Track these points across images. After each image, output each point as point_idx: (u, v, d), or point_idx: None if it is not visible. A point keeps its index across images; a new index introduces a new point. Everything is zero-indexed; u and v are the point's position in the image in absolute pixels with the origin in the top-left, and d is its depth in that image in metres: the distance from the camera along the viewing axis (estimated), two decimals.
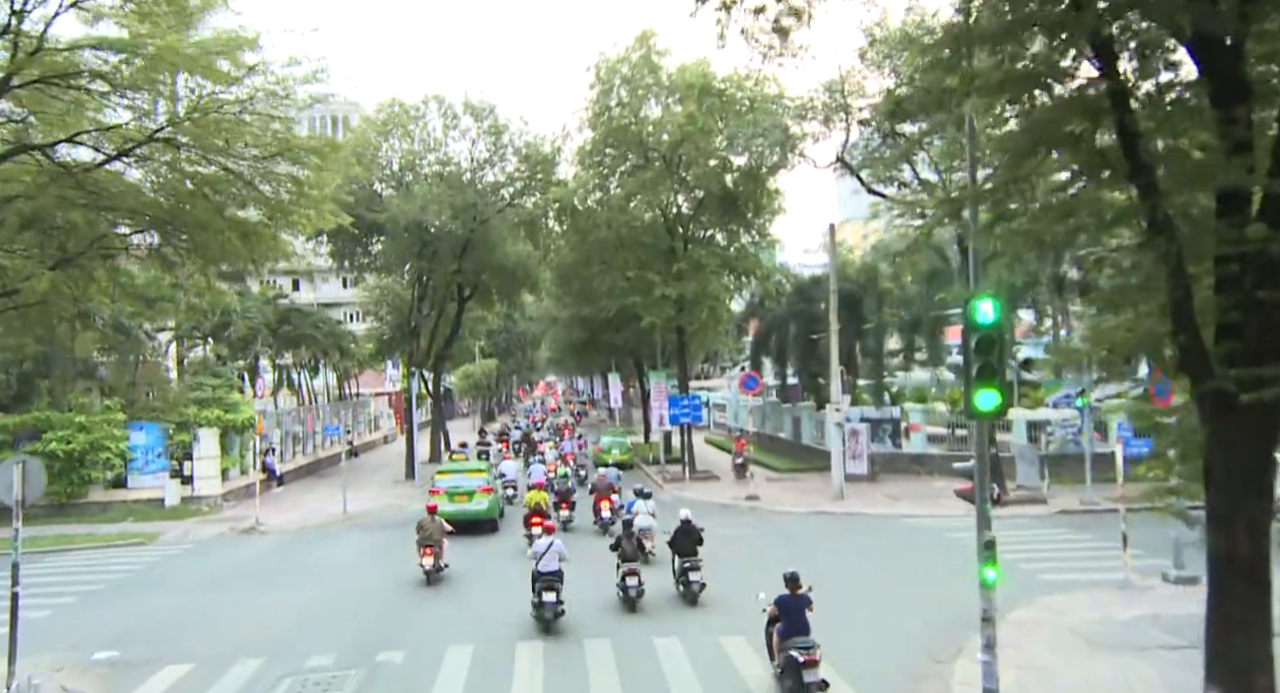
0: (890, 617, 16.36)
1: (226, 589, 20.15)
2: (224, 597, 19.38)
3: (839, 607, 15.86)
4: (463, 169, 41.13)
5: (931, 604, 17.01)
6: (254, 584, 20.54)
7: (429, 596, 18.94)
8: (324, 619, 17.21)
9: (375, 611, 17.71)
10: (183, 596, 19.63)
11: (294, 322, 42.23)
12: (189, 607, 18.58)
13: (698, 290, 35.90)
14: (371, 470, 45.74)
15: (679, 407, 36.79)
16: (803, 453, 41.90)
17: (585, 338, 52.67)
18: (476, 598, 18.61)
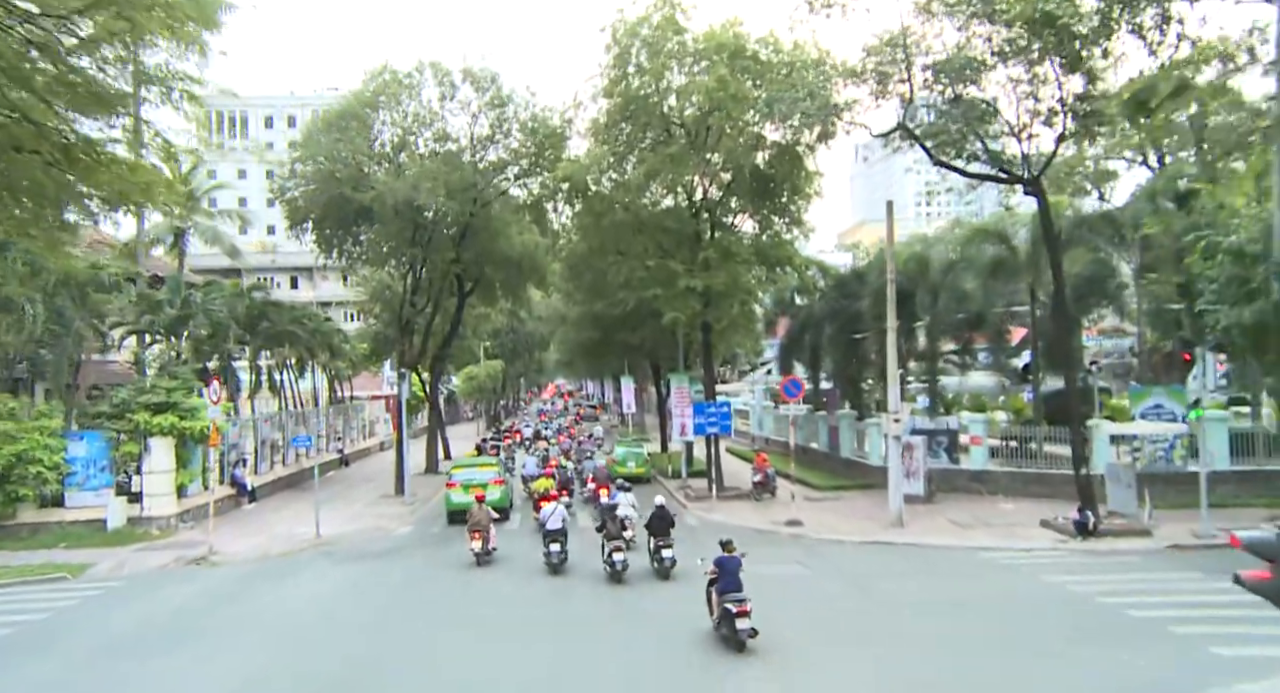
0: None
1: (142, 651, 15.58)
2: (132, 667, 14.82)
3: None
4: (462, 147, 36.72)
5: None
6: (183, 643, 16.00)
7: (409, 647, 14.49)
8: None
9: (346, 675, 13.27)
10: (75, 663, 14.94)
11: (272, 317, 37.82)
12: (72, 686, 14.05)
13: (727, 282, 31.37)
14: (360, 482, 41.37)
15: (705, 415, 32.26)
16: (841, 468, 37.33)
17: (597, 338, 48.18)
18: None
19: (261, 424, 36.28)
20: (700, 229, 33.18)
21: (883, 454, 34.22)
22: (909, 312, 34.60)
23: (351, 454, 50.82)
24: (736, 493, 33.22)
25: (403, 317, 36.97)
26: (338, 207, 36.19)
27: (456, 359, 64.03)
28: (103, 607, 18.89)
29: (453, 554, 23.83)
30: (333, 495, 36.40)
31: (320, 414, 46.97)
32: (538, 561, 21.52)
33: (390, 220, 33.86)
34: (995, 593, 18.24)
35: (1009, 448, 31.91)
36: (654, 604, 18.05)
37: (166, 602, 19.20)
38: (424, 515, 31.78)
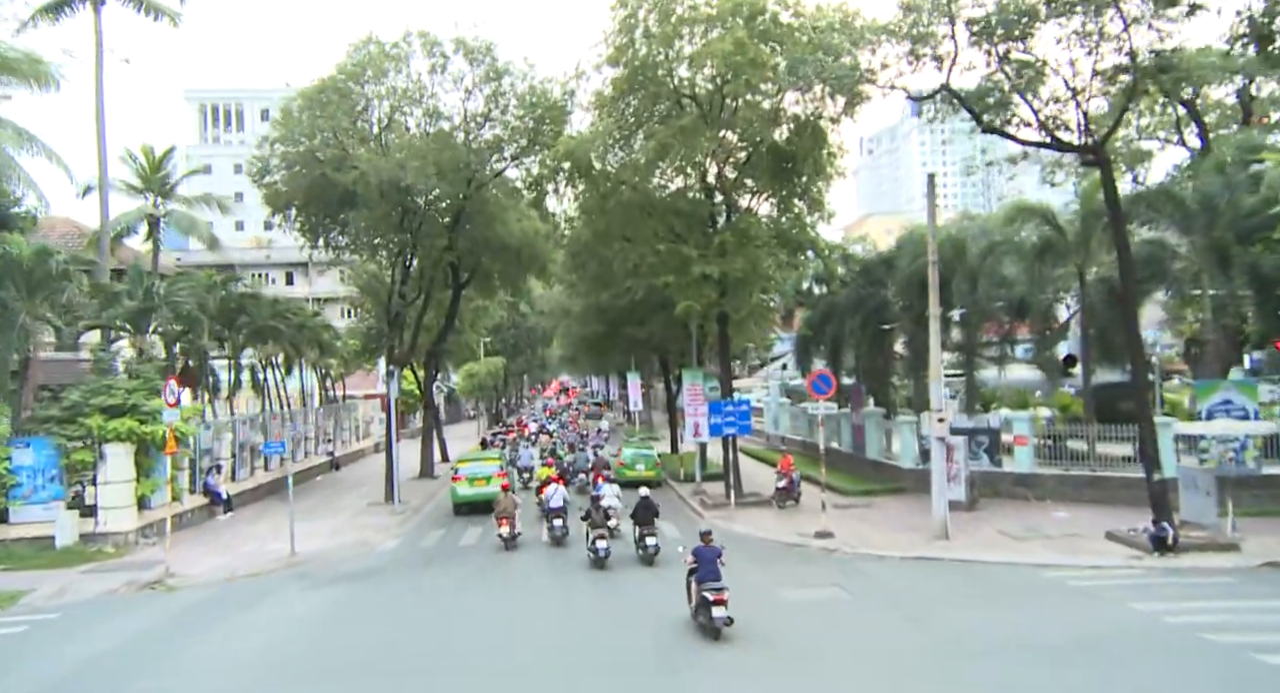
0: None
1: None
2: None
3: None
4: (454, 126, 33.83)
5: None
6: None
7: None
8: None
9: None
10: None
11: (250, 311, 34.97)
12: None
13: (745, 268, 28.50)
14: (349, 488, 38.59)
15: (721, 414, 29.37)
16: (868, 470, 34.44)
17: (603, 331, 45.34)
18: None
19: (240, 427, 33.48)
20: (715, 211, 30.32)
21: (915, 456, 31.43)
22: (944, 299, 31.70)
23: (344, 457, 48.03)
24: (757, 500, 30.35)
25: (391, 309, 34.08)
26: (321, 191, 33.37)
27: (455, 356, 61.15)
28: (16, 651, 15.99)
29: (438, 574, 21.10)
30: (317, 504, 33.64)
31: (308, 415, 44.16)
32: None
33: (376, 203, 31.00)
34: (1079, 626, 15.29)
35: (1056, 449, 28.96)
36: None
37: (103, 639, 16.36)
38: (414, 527, 28.97)
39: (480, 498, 29.36)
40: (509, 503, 24.18)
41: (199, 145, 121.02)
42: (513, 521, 23.84)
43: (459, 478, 30.42)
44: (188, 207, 38.78)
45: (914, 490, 30.78)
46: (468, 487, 29.89)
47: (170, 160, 37.17)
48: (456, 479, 30.47)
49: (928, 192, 23.47)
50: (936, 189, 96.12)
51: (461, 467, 31.26)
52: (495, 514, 24.05)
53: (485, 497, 28.98)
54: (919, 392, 33.83)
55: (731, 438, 30.09)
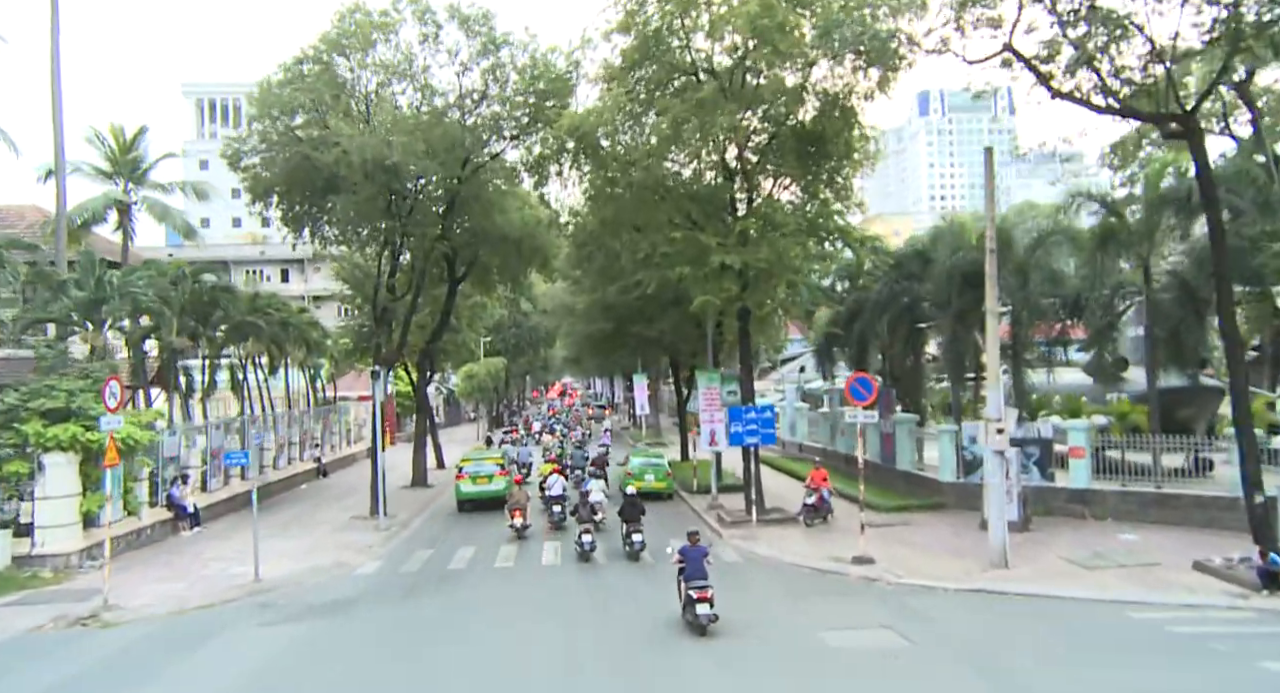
0: None
1: None
2: None
3: None
4: (449, 103, 30.87)
5: None
6: None
7: None
8: None
9: None
10: None
11: (225, 305, 32.02)
12: None
13: (770, 259, 25.51)
14: (334, 498, 35.63)
15: (743, 422, 26.42)
16: (899, 483, 31.40)
17: (609, 330, 42.32)
18: None
19: (213, 431, 30.50)
20: (734, 196, 27.34)
21: (955, 468, 28.44)
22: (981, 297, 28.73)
23: (333, 463, 45.10)
24: (782, 516, 27.35)
25: (378, 304, 31.07)
26: (304, 175, 30.48)
27: (454, 356, 58.17)
28: None
29: (417, 609, 18.19)
30: (295, 518, 30.73)
31: (293, 418, 41.22)
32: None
33: (360, 186, 28.04)
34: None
35: (1108, 461, 25.93)
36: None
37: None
38: (400, 545, 26.01)
39: (484, 495, 30.93)
40: (521, 496, 26.23)
41: (196, 140, 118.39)
42: (525, 512, 25.79)
43: (463, 476, 31.78)
44: (163, 193, 35.87)
45: (954, 507, 27.83)
46: (471, 484, 31.37)
47: (142, 142, 34.27)
48: (460, 477, 31.83)
49: (985, 167, 20.42)
50: (942, 192, 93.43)
51: (466, 465, 32.61)
52: (508, 507, 26.04)
53: (488, 494, 30.75)
54: (958, 397, 30.85)
55: (753, 449, 27.10)
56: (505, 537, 25.42)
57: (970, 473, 27.67)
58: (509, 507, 25.92)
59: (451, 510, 32.43)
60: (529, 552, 24.04)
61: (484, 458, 33.76)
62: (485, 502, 30.55)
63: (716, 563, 17.89)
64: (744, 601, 18.00)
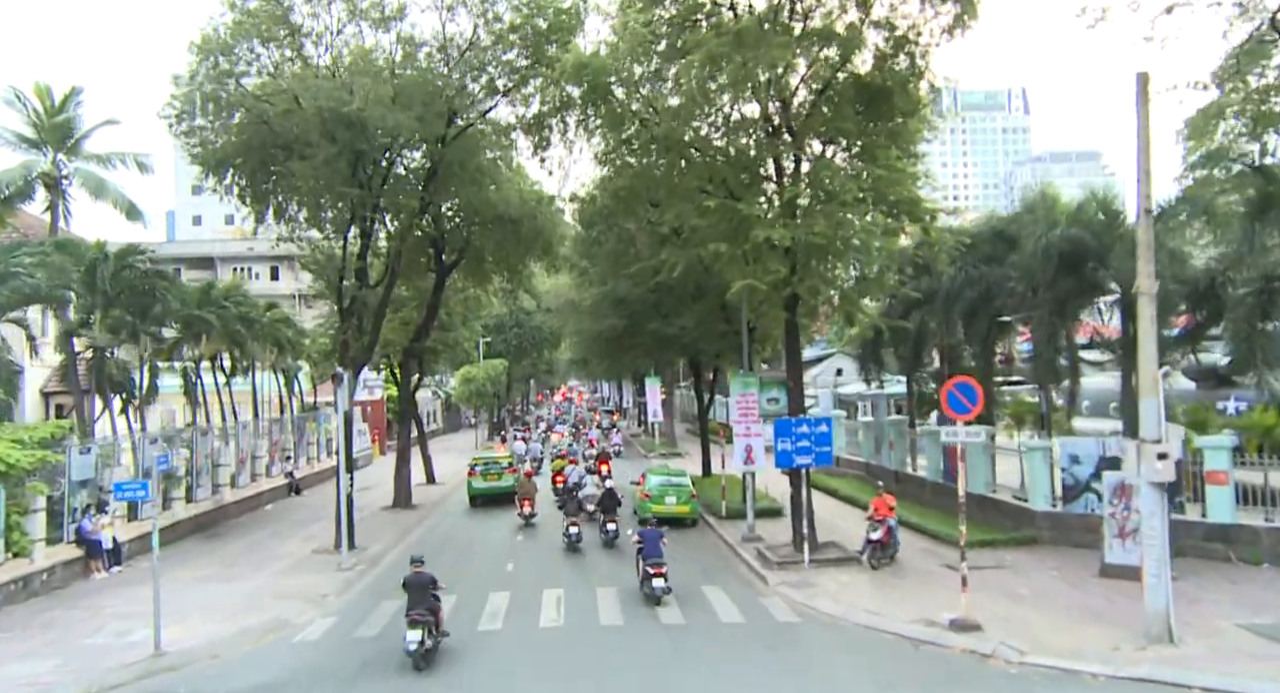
0: None
1: None
2: None
3: None
4: (432, 53, 25.63)
5: None
6: None
7: None
8: None
9: None
10: None
11: (162, 296, 26.83)
12: None
13: (827, 234, 20.25)
14: (300, 523, 30.46)
15: (792, 438, 21.14)
16: (973, 509, 25.76)
17: (622, 327, 37.09)
18: None
19: (146, 447, 25.30)
20: (780, 157, 22.09)
21: (1050, 494, 23.14)
22: (1087, 282, 23.47)
23: (309, 478, 39.92)
24: (840, 555, 22.01)
25: (342, 292, 25.74)
26: (260, 140, 25.36)
27: (451, 357, 52.89)
28: None
29: None
30: (246, 549, 25.60)
31: (260, 428, 36.09)
32: None
33: (317, 144, 22.83)
34: None
35: (1259, 488, 20.59)
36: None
37: None
38: (363, 593, 20.83)
39: (494, 490, 32.66)
40: (531, 487, 28.92)
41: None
42: (533, 502, 28.29)
43: (474, 473, 33.64)
44: (103, 167, 30.70)
45: (1051, 543, 22.55)
46: (482, 481, 33.24)
47: (76, 104, 29.12)
48: (471, 474, 33.70)
49: (1137, 101, 15.07)
50: (955, 192, 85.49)
51: (477, 463, 34.47)
52: (518, 497, 28.74)
53: (498, 489, 32.54)
54: (1048, 405, 25.55)
55: (805, 472, 21.81)
56: (502, 572, 22.70)
57: (1071, 501, 22.39)
58: (519, 497, 28.71)
59: (437, 538, 27.46)
60: (523, 604, 18.85)
61: (494, 456, 36.01)
62: (496, 497, 32.21)
63: (764, 625, 16.63)
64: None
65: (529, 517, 28.09)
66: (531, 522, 28.03)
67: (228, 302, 30.75)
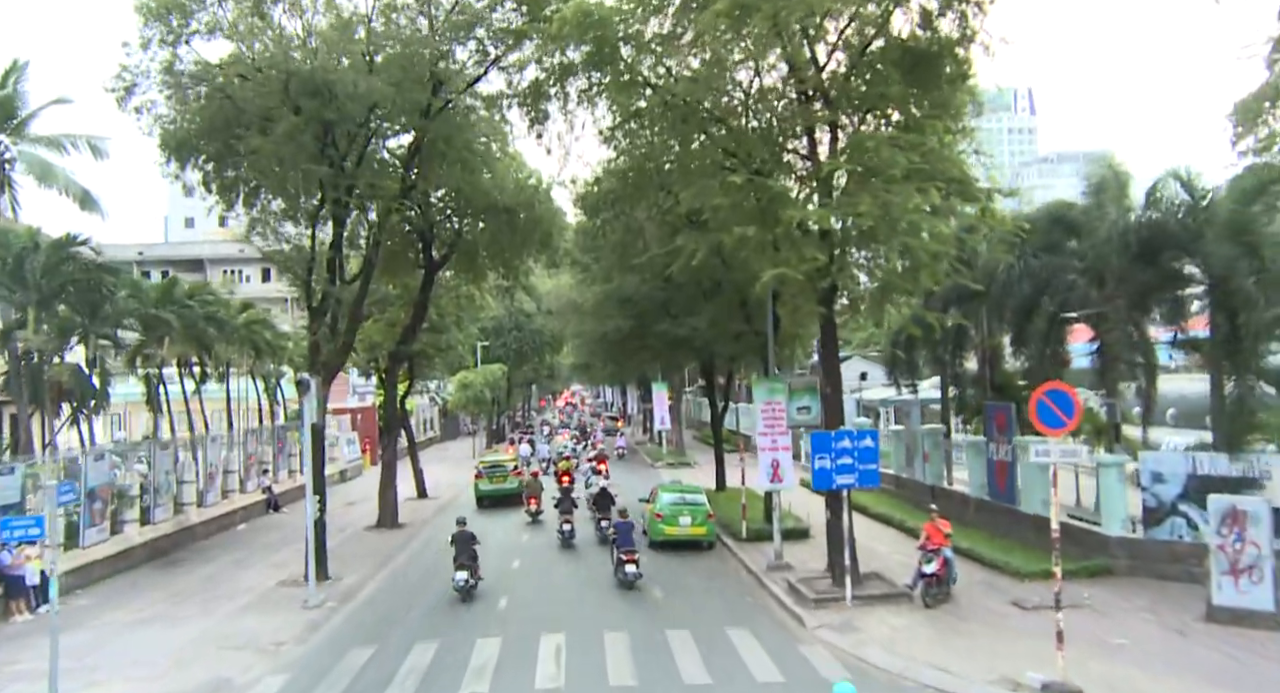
0: None
1: None
2: None
3: None
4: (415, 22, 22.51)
5: None
6: None
7: None
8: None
9: None
10: None
11: (109, 292, 23.72)
12: None
13: (874, 215, 17.13)
14: (271, 546, 27.33)
15: (831, 454, 18.05)
16: (1028, 531, 22.75)
17: (627, 329, 34.01)
18: None
19: (89, 465, 22.18)
20: (814, 125, 19.02)
21: (1127, 518, 20.03)
22: (1167, 272, 20.34)
23: (290, 493, 36.58)
24: (886, 590, 18.86)
25: (311, 287, 22.53)
26: (225, 119, 22.26)
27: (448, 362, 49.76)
28: None
29: None
30: (204, 581, 22.52)
31: (233, 439, 33.02)
32: None
33: (279, 114, 19.78)
34: None
35: None
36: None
37: None
38: (329, 638, 17.72)
39: (500, 492, 33.57)
40: (537, 486, 30.56)
41: None
42: (539, 500, 29.76)
43: (480, 476, 34.57)
44: (56, 151, 27.63)
45: (1129, 573, 19.45)
46: (489, 483, 34.07)
47: (19, 79, 26.11)
48: (479, 477, 34.61)
49: None
50: None
51: (483, 466, 35.57)
52: (525, 495, 30.43)
53: (503, 491, 33.58)
54: (1116, 413, 22.44)
55: (845, 493, 18.70)
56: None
57: (1154, 525, 19.28)
58: (526, 495, 30.43)
59: (427, 561, 24.53)
60: (517, 653, 15.76)
61: (500, 459, 37.11)
62: (502, 499, 33.14)
63: (807, 684, 13.88)
64: None
65: (535, 514, 29.76)
66: (538, 519, 29.58)
67: (192, 301, 27.64)
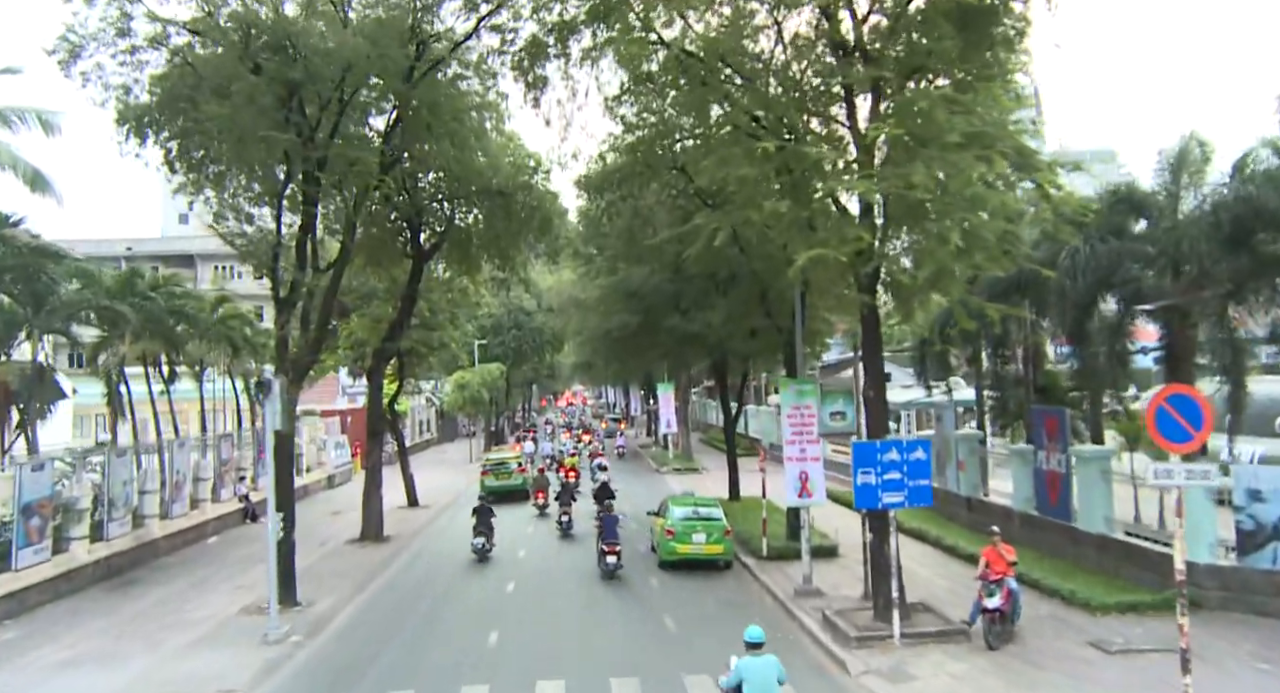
0: None
1: None
2: None
3: None
4: None
5: None
6: None
7: None
8: None
9: None
10: None
11: (49, 280, 21.00)
12: None
13: (928, 186, 14.46)
14: (240, 565, 24.64)
15: (875, 467, 15.42)
16: (1089, 552, 20.17)
17: (634, 325, 31.44)
18: None
19: (22, 474, 19.50)
20: (853, 83, 16.37)
21: (1215, 544, 17.34)
22: (1263, 256, 17.68)
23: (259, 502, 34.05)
24: (939, 626, 16.18)
25: (278, 276, 19.71)
26: (187, 90, 19.65)
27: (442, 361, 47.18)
28: None
29: None
30: (154, 606, 19.92)
31: (206, 443, 30.43)
32: None
33: (233, 73, 17.18)
34: None
35: None
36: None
37: None
38: (292, 678, 15.12)
39: (505, 488, 34.34)
40: (544, 481, 33.38)
41: None
42: (546, 494, 31.90)
43: (486, 473, 35.91)
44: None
45: (1221, 607, 16.75)
46: (494, 480, 35.12)
47: None
48: (485, 473, 35.95)
49: None
50: None
51: (489, 463, 37.27)
52: (532, 489, 32.98)
53: (508, 488, 34.68)
54: None
55: (889, 514, 16.04)
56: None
57: (1251, 552, 16.61)
58: (533, 489, 32.76)
59: (413, 580, 22.16)
60: None
61: (506, 457, 38.43)
62: (506, 494, 33.67)
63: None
64: None
65: (543, 507, 31.61)
66: (545, 513, 31.17)
67: (156, 293, 25.02)
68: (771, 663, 10.08)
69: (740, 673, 9.99)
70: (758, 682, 9.86)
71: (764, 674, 9.94)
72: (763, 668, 10.00)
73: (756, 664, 10.02)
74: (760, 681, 9.88)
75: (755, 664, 10.02)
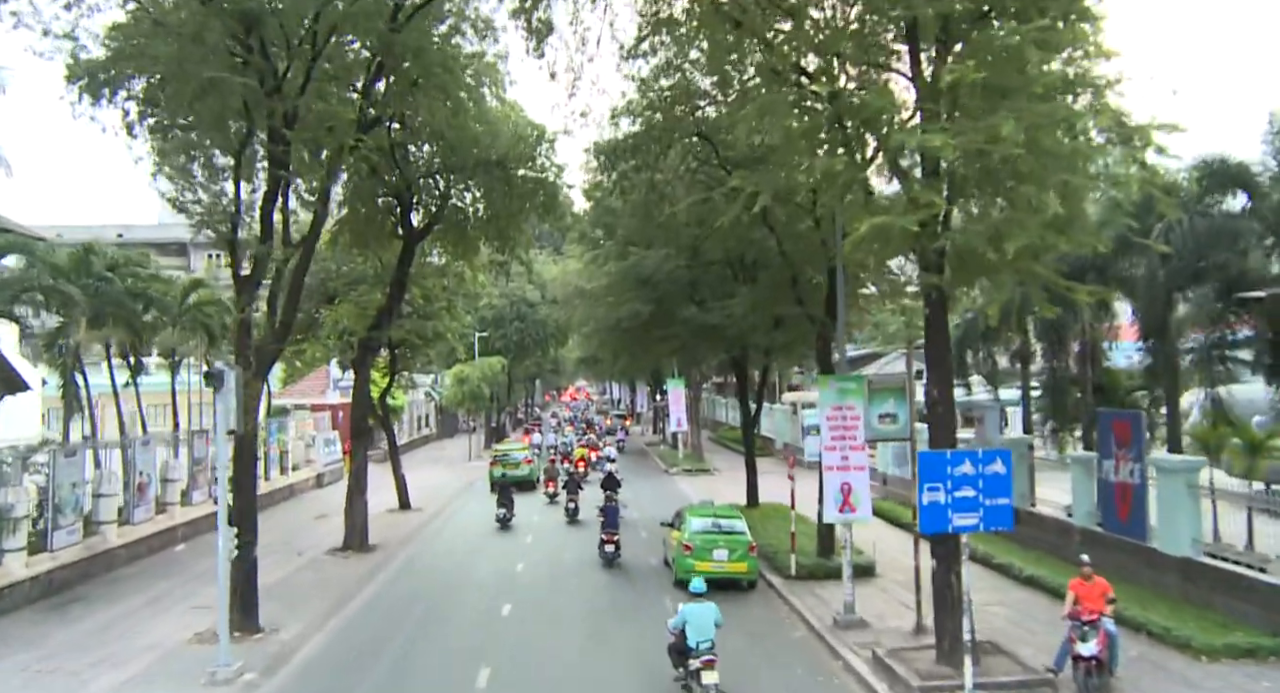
0: None
1: None
2: None
3: None
4: None
5: None
6: None
7: None
8: None
9: None
10: None
11: None
12: None
13: (1017, 139, 11.71)
14: (203, 578, 21.84)
15: (944, 481, 12.67)
16: (1171, 576, 17.47)
17: (648, 313, 28.76)
18: None
19: None
20: (917, 14, 13.64)
21: None
22: None
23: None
24: (1018, 675, 13.45)
25: (236, 246, 16.91)
26: (144, 36, 17.03)
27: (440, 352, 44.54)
28: None
29: None
30: (91, 633, 17.17)
31: (176, 439, 27.84)
32: None
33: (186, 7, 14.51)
34: None
35: None
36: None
37: None
38: None
39: (513, 479, 33.77)
40: (555, 471, 34.47)
41: None
42: (556, 483, 33.04)
43: (495, 464, 36.98)
44: None
45: None
46: (501, 470, 35.33)
47: None
48: (493, 464, 36.99)
49: None
50: None
51: (497, 454, 38.84)
52: (544, 478, 34.39)
53: (515, 478, 34.43)
54: None
55: (962, 539, 13.33)
56: None
57: None
58: (545, 479, 34.01)
59: (398, 598, 19.50)
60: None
61: (513, 449, 40.17)
62: (513, 483, 32.58)
63: None
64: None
65: (553, 495, 32.52)
66: (555, 500, 31.87)
67: (113, 273, 22.42)
68: (710, 609, 12.49)
69: (684, 616, 12.50)
70: (698, 624, 12.28)
71: (704, 618, 12.38)
72: (703, 613, 12.44)
73: (698, 609, 12.48)
74: (701, 623, 12.30)
75: (697, 609, 12.49)
